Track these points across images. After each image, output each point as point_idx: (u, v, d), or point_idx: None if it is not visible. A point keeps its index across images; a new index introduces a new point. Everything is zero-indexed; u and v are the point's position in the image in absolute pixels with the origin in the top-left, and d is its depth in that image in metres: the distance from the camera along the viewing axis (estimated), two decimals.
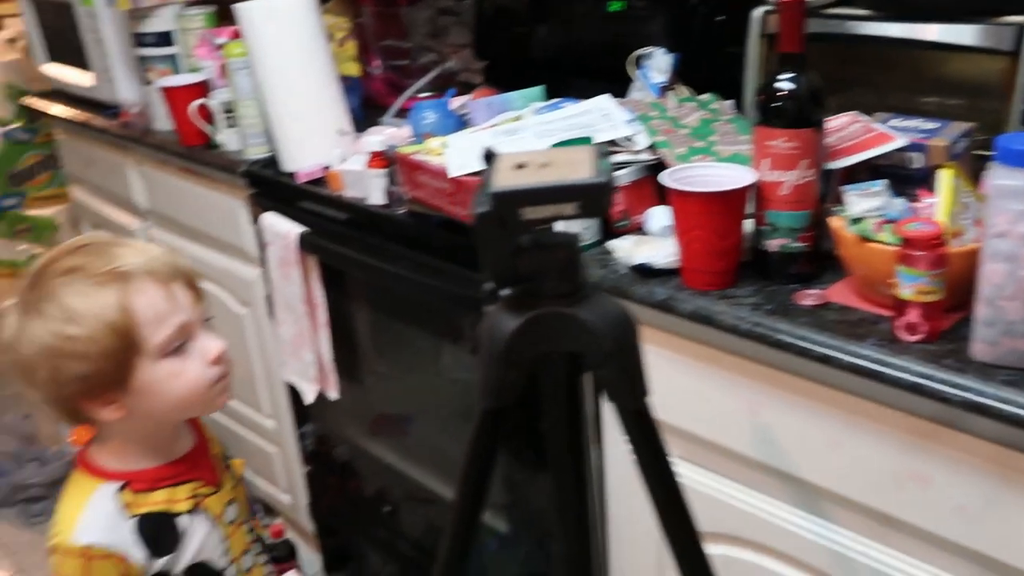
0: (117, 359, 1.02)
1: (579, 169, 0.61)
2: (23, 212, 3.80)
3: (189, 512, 1.12)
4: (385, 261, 1.51)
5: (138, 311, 1.02)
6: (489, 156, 0.65)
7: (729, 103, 1.39)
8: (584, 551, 0.72)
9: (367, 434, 1.86)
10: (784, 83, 1.05)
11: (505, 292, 0.64)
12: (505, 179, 0.61)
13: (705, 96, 1.40)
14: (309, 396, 1.75)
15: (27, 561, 2.32)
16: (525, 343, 0.63)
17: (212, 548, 1.15)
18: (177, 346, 1.06)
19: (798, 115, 1.05)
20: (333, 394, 1.72)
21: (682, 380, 1.17)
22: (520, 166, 0.62)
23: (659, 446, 0.66)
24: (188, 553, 1.11)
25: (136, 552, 1.06)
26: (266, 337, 1.94)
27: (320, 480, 2.02)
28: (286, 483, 2.13)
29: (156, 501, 1.10)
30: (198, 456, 1.17)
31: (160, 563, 1.09)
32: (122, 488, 1.08)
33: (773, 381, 1.08)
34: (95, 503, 1.07)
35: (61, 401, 1.05)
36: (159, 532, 1.09)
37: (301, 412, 1.96)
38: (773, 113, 1.06)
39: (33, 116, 3.67)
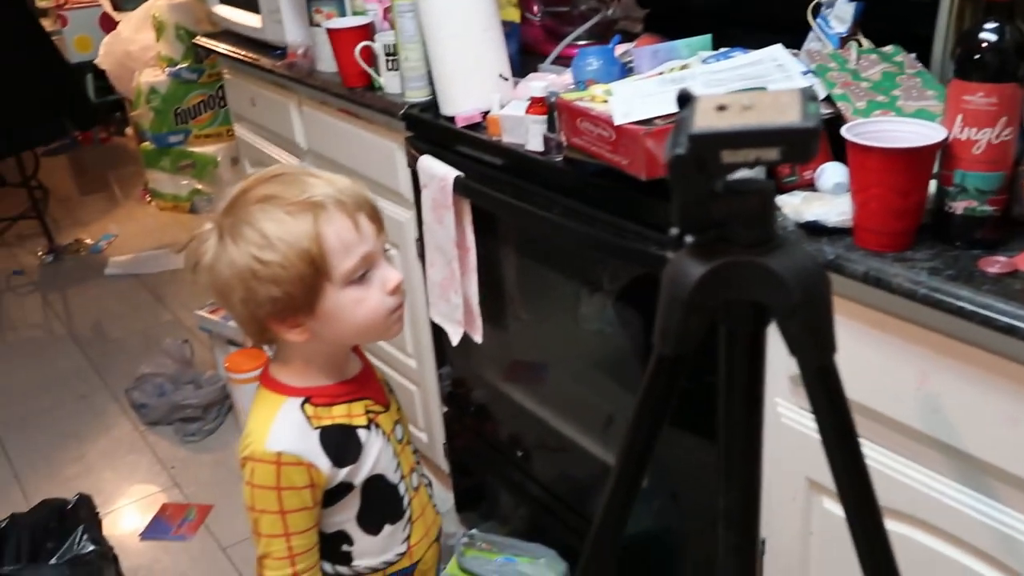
0: (306, 284, 1.06)
1: (786, 112, 0.58)
2: (187, 148, 4.01)
3: (366, 427, 1.18)
4: (539, 208, 1.51)
5: (328, 240, 1.06)
6: (685, 98, 0.63)
7: (913, 56, 1.31)
8: (750, 510, 0.70)
9: (504, 379, 1.88)
10: (988, 33, 0.98)
11: (690, 238, 0.62)
12: (705, 121, 0.59)
13: (888, 48, 1.32)
14: (455, 338, 1.78)
15: (181, 476, 2.48)
16: (710, 290, 0.62)
17: (386, 463, 1.20)
18: (361, 275, 1.10)
19: (1000, 68, 0.98)
20: (478, 337, 1.74)
21: (846, 344, 1.11)
22: (721, 108, 0.60)
23: (843, 405, 0.63)
24: (367, 464, 1.17)
25: (322, 461, 1.12)
26: (414, 279, 1.98)
27: (457, 421, 2.06)
28: (424, 422, 2.19)
29: (336, 415, 1.16)
30: (366, 378, 1.23)
31: (343, 473, 1.15)
32: (305, 402, 1.14)
33: (947, 350, 1.02)
34: (283, 415, 1.13)
35: (253, 321, 1.11)
36: (341, 443, 1.15)
37: (441, 354, 2.00)
38: (973, 66, 0.99)
39: (199, 57, 3.85)
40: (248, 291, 1.06)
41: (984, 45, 0.99)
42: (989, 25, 0.99)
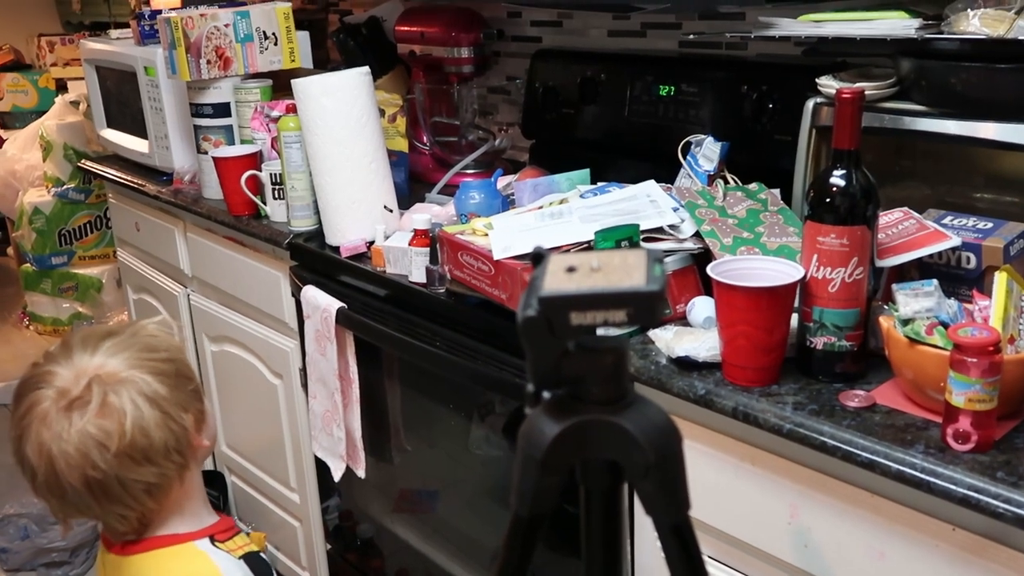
0: (196, 375, 1.15)
1: (631, 275, 0.59)
2: (70, 270, 3.88)
3: (261, 551, 1.17)
4: (422, 340, 1.50)
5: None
6: (538, 257, 0.64)
7: (776, 192, 1.37)
8: None
9: (391, 511, 1.83)
10: (836, 179, 1.04)
11: (546, 395, 0.62)
12: (555, 283, 0.60)
13: (753, 186, 1.39)
14: (337, 473, 1.73)
15: None
16: (565, 450, 0.61)
17: None
18: None
19: (850, 212, 1.03)
20: (360, 472, 1.69)
21: (719, 477, 1.13)
22: (571, 269, 0.61)
23: (698, 564, 0.62)
24: None
25: None
26: (296, 409, 1.93)
27: (341, 558, 1.98)
28: (307, 559, 2.09)
29: (240, 544, 1.14)
30: (224, 515, 1.20)
31: None
32: (212, 541, 1.12)
33: (815, 484, 1.04)
34: (215, 557, 1.10)
35: (178, 440, 1.09)
36: (262, 568, 1.14)
37: (326, 486, 1.94)
38: (824, 209, 1.04)
39: (87, 177, 3.77)
40: (179, 397, 1.08)
41: (834, 190, 1.05)
42: (837, 171, 1.05)
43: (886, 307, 1.06)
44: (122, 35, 2.55)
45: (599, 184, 1.53)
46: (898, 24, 1.23)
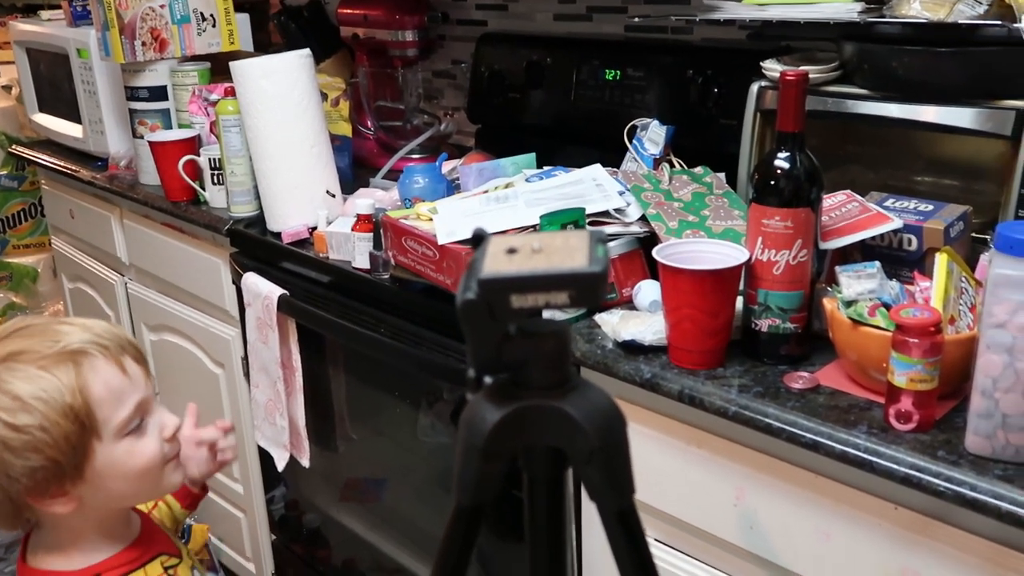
0: (72, 446, 0.93)
1: (573, 256, 0.57)
2: (4, 259, 3.76)
3: None
4: (366, 327, 1.47)
5: (93, 391, 0.94)
6: (478, 239, 0.62)
7: (721, 175, 1.37)
8: None
9: (338, 501, 1.80)
10: (780, 162, 1.04)
11: (488, 380, 0.60)
12: (495, 265, 0.58)
13: (698, 169, 1.38)
14: (280, 463, 1.70)
15: None
16: (507, 436, 0.60)
17: None
18: (136, 424, 0.98)
19: (793, 194, 1.03)
20: (305, 461, 1.66)
21: (666, 461, 1.13)
22: (511, 251, 0.59)
23: (644, 549, 0.61)
24: None
25: None
26: (239, 399, 1.89)
27: (287, 549, 1.95)
28: (251, 551, 2.06)
29: None
30: (150, 532, 1.10)
31: None
32: None
33: (760, 466, 1.04)
34: None
35: (6, 502, 0.94)
36: None
37: (271, 476, 1.90)
38: (768, 191, 1.04)
39: (20, 164, 3.65)
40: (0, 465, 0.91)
41: (778, 172, 1.04)
42: (782, 154, 1.05)
43: (830, 289, 1.07)
44: (54, 16, 2.46)
45: (545, 168, 1.51)
46: (841, 8, 1.24)
